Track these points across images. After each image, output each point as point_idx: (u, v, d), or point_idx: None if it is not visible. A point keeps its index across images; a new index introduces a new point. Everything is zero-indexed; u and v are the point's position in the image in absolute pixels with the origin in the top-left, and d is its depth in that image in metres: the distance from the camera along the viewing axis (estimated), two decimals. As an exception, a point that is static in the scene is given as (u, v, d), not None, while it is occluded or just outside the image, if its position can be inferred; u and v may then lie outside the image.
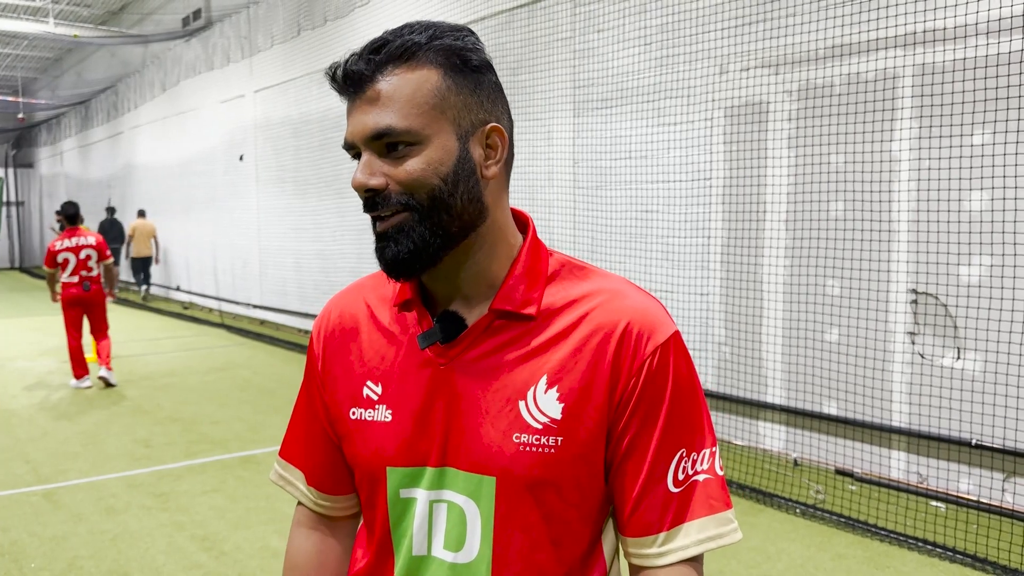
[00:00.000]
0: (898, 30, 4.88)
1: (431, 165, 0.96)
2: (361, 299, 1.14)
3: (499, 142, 1.02)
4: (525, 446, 0.99)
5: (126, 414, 7.14)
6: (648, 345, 1.00)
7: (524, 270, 1.05)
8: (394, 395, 1.06)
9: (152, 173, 17.46)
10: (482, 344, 1.03)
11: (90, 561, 4.09)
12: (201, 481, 5.29)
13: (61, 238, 7.84)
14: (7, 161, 28.69)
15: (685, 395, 1.02)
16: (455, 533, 1.02)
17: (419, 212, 0.97)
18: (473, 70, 1.00)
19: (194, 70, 14.72)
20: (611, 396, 0.99)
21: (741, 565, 4.02)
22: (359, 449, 1.08)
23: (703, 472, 1.02)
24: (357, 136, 0.98)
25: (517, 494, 1.00)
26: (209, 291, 14.81)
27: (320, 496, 1.18)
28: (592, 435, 1.00)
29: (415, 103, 0.96)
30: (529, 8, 7.38)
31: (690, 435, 1.02)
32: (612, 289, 1.04)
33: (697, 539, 1.00)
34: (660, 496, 1.00)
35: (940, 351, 4.88)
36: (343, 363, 1.12)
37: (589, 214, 6.92)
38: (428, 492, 1.03)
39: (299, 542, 1.20)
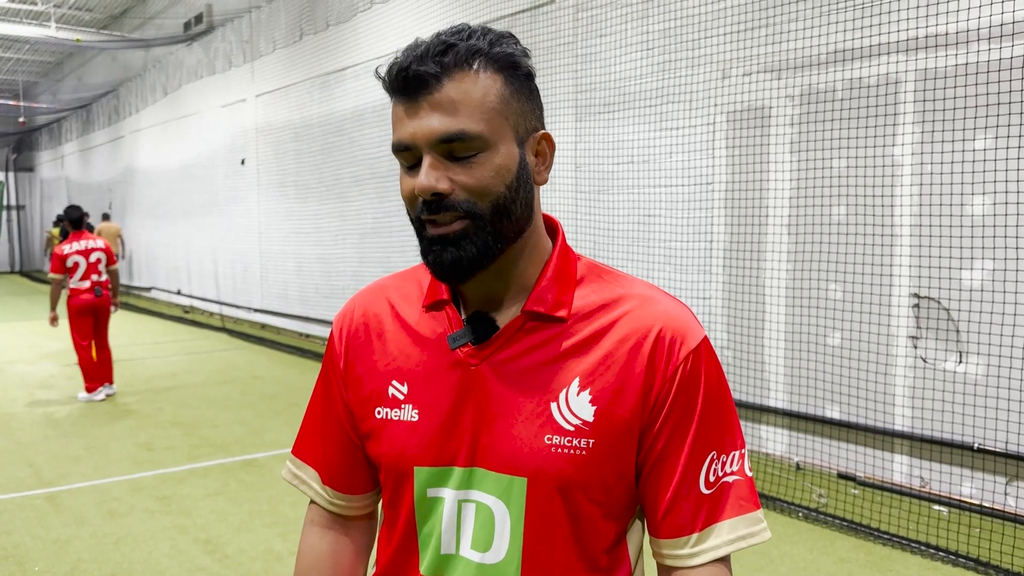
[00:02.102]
0: (899, 35, 4.90)
1: (499, 172, 0.97)
2: (384, 299, 1.15)
3: (547, 149, 1.04)
4: (557, 447, 1.00)
5: (128, 418, 7.14)
6: (681, 351, 1.01)
7: (555, 273, 1.05)
8: (421, 395, 1.06)
9: (153, 177, 17.48)
10: (514, 346, 1.03)
11: (93, 564, 4.09)
12: (204, 484, 5.29)
13: (68, 242, 7.64)
14: (8, 165, 28.72)
15: (716, 399, 1.03)
16: (483, 533, 1.03)
17: (482, 219, 0.97)
18: (526, 77, 1.02)
19: (196, 74, 14.74)
20: (645, 400, 1.01)
21: (744, 568, 4.03)
22: (385, 448, 1.09)
23: (733, 474, 1.04)
24: (422, 139, 0.96)
25: (548, 495, 1.01)
26: (210, 295, 14.81)
27: (335, 495, 1.19)
28: (623, 438, 1.01)
29: (484, 108, 0.96)
30: (531, 13, 7.41)
31: (720, 438, 1.04)
32: (643, 295, 1.06)
33: (728, 539, 1.02)
34: (692, 498, 1.02)
35: (942, 355, 4.88)
36: (366, 362, 1.12)
37: (591, 218, 6.94)
38: (456, 492, 1.04)
39: (312, 541, 1.20)
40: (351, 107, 10.10)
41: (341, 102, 10.35)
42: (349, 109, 10.17)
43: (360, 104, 9.92)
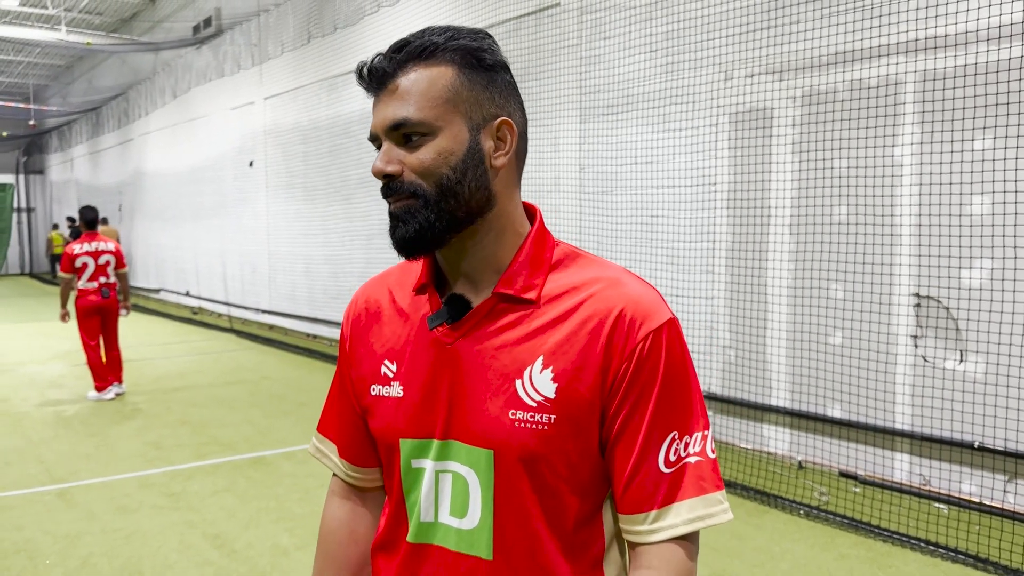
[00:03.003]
0: (900, 37, 4.94)
1: (441, 154, 1.04)
2: (385, 286, 1.23)
3: (508, 135, 1.09)
4: (520, 422, 1.05)
5: (137, 417, 7.22)
6: (641, 330, 1.05)
7: (527, 257, 1.11)
8: (406, 372, 1.14)
9: (162, 179, 17.60)
10: (485, 326, 1.10)
11: (103, 559, 4.16)
12: (212, 481, 5.36)
13: (79, 242, 7.73)
14: (18, 168, 28.94)
15: (677, 380, 1.07)
16: (459, 501, 1.09)
17: (426, 198, 1.05)
18: (487, 68, 1.08)
19: (204, 77, 14.85)
20: (604, 378, 1.05)
21: (745, 565, 4.07)
22: (378, 422, 1.17)
23: (695, 455, 1.07)
24: (378, 127, 1.06)
25: (512, 467, 1.06)
26: (218, 296, 14.91)
27: (351, 468, 1.27)
28: (584, 414, 1.06)
29: (429, 97, 1.04)
30: (536, 16, 7.47)
31: (682, 418, 1.07)
32: (610, 277, 1.10)
33: (687, 518, 1.05)
34: (651, 476, 1.05)
35: (943, 354, 4.92)
36: (366, 344, 1.20)
37: (595, 219, 6.99)
38: (435, 463, 1.11)
39: (333, 510, 1.30)
40: (358, 109, 10.18)
41: (348, 104, 10.42)
42: (356, 111, 10.24)
43: (367, 107, 9.94)
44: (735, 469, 5.46)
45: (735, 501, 4.98)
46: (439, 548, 1.11)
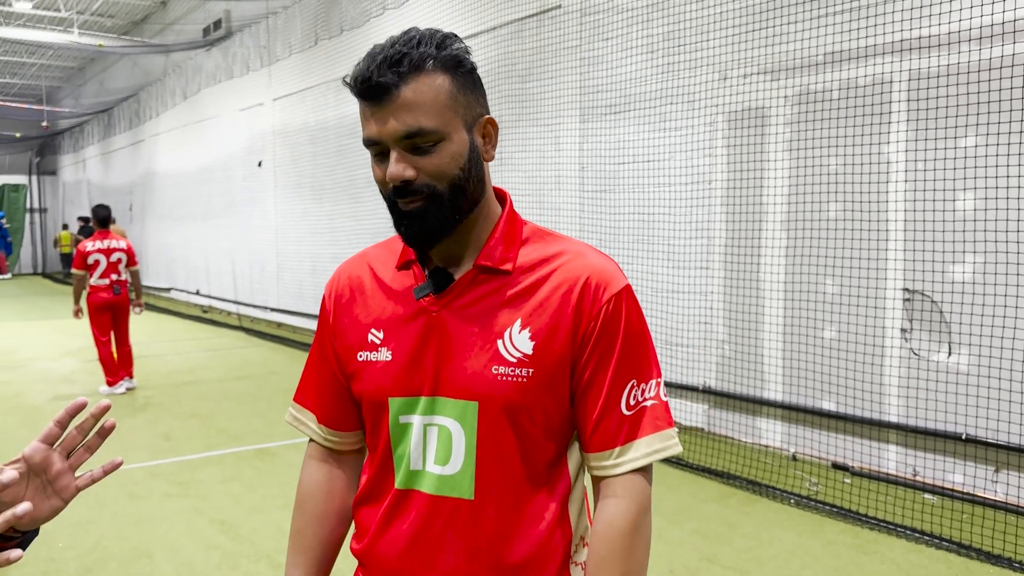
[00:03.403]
0: (889, 37, 5.05)
1: (454, 157, 1.17)
2: (365, 264, 1.36)
3: (492, 130, 1.24)
4: (502, 376, 1.20)
5: (147, 410, 7.39)
6: (604, 295, 1.22)
7: (502, 234, 1.27)
8: (393, 339, 1.27)
9: (172, 180, 17.82)
10: (467, 294, 1.24)
11: (115, 541, 4.32)
12: (220, 471, 5.52)
13: (92, 239, 7.92)
14: (31, 169, 29.25)
15: (635, 336, 1.24)
16: (444, 451, 1.23)
17: (441, 198, 1.17)
18: (469, 72, 1.21)
19: (214, 79, 15.05)
20: (574, 336, 1.21)
21: (734, 550, 4.19)
22: (365, 385, 1.30)
23: (651, 399, 1.25)
24: (388, 136, 1.15)
25: (495, 416, 1.21)
26: (228, 295, 15.10)
27: (329, 432, 1.40)
28: (558, 368, 1.21)
29: (437, 106, 1.15)
30: (538, 18, 7.60)
31: (639, 369, 1.24)
32: (575, 251, 1.27)
33: (646, 452, 1.22)
34: (615, 418, 1.22)
35: (932, 347, 5.03)
36: (350, 316, 1.33)
37: (596, 217, 7.12)
38: (422, 417, 1.25)
39: (311, 472, 1.42)
40: (365, 110, 10.32)
41: (355, 105, 10.26)
42: (363, 112, 10.39)
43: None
44: (729, 461, 5.57)
45: (727, 490, 5.11)
46: (423, 493, 1.25)
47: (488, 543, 1.23)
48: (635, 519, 1.21)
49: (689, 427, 6.45)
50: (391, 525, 1.27)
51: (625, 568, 1.20)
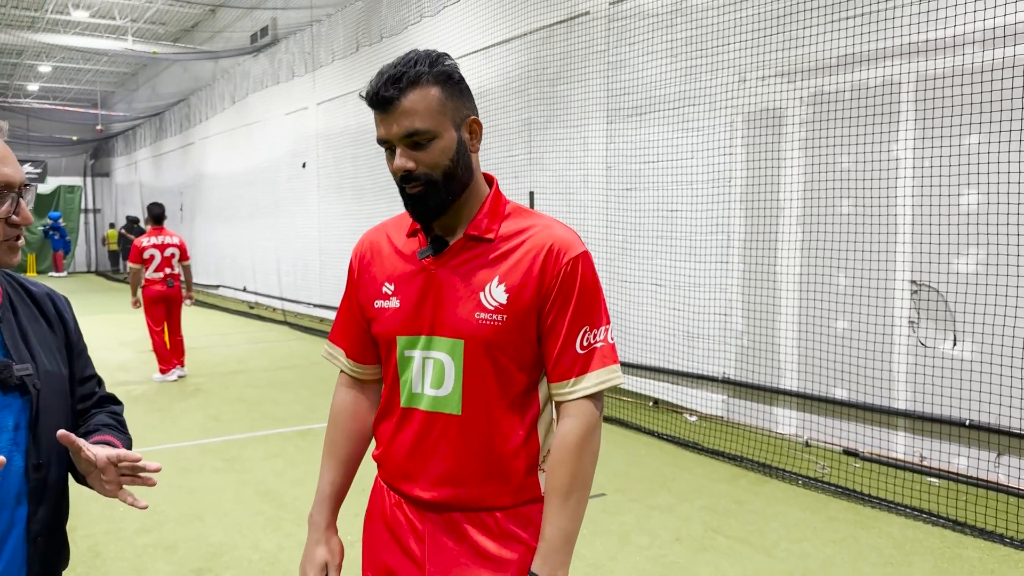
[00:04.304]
0: (896, 41, 5.29)
1: (444, 152, 1.52)
2: (384, 232, 1.72)
3: (477, 128, 1.60)
4: (483, 320, 1.55)
5: (198, 395, 7.88)
6: (564, 258, 1.56)
7: (488, 210, 1.62)
8: (401, 290, 1.62)
9: (221, 181, 18.48)
10: (459, 257, 1.59)
11: (169, 507, 4.75)
12: (264, 449, 5.95)
13: (147, 235, 8.47)
14: (86, 171, 30.30)
15: (588, 292, 1.58)
16: (438, 377, 1.58)
17: (436, 184, 1.52)
18: (456, 82, 1.57)
19: (261, 84, 15.64)
20: (539, 290, 1.55)
21: (739, 523, 4.48)
22: (380, 327, 1.66)
23: (600, 341, 1.58)
24: (393, 137, 1.51)
25: (478, 351, 1.56)
26: (273, 291, 15.66)
27: (355, 365, 1.77)
28: (526, 314, 1.56)
29: (429, 111, 1.50)
30: (568, 24, 7.93)
31: (591, 318, 1.58)
32: (544, 224, 1.62)
33: (595, 382, 1.56)
34: (571, 355, 1.56)
35: (938, 338, 5.25)
36: (370, 273, 1.69)
37: (621, 215, 7.42)
38: (422, 352, 1.60)
39: (341, 396, 1.80)
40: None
41: None
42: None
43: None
44: (745, 447, 5.82)
45: (739, 472, 5.38)
46: (422, 411, 1.61)
47: (472, 450, 1.58)
48: (584, 433, 1.55)
49: (708, 415, 6.72)
50: (398, 435, 1.64)
51: (574, 470, 1.55)
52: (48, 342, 1.58)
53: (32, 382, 1.47)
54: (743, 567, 3.92)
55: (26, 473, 1.46)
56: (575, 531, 1.56)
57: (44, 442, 1.48)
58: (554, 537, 1.54)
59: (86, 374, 1.69)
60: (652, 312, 7.20)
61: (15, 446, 1.45)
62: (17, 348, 1.48)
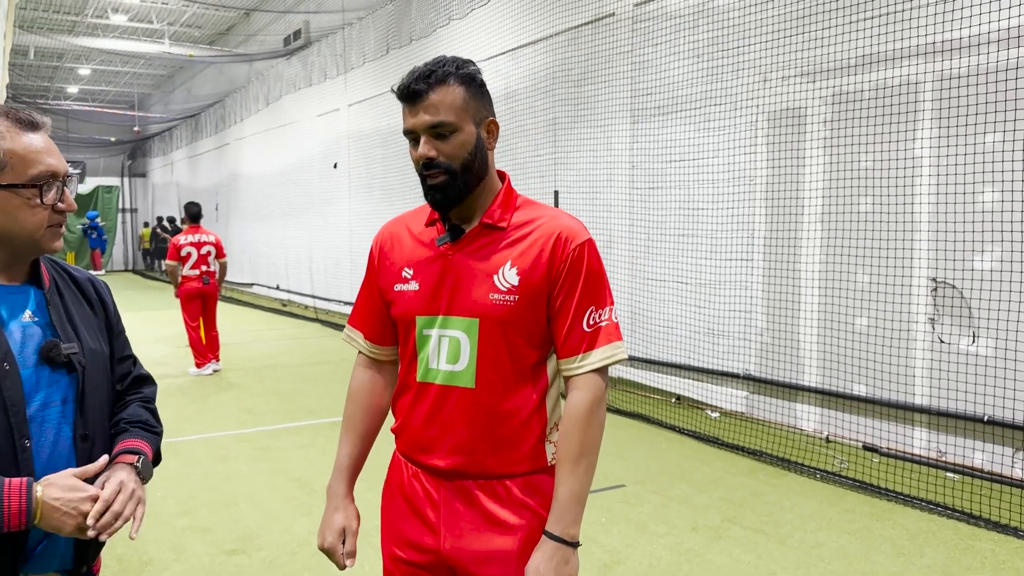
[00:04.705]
0: (916, 41, 5.35)
1: (463, 145, 1.68)
2: (403, 223, 1.89)
3: (494, 128, 1.76)
4: (497, 300, 1.70)
5: (233, 389, 8.12)
6: (570, 245, 1.71)
7: (501, 202, 1.78)
8: (420, 274, 1.78)
9: (255, 181, 18.83)
10: (474, 243, 1.74)
11: (206, 493, 4.96)
12: (297, 439, 6.15)
13: (184, 234, 8.76)
14: (123, 171, 30.94)
15: (593, 275, 1.72)
16: (453, 353, 1.74)
17: (455, 173, 1.68)
18: (479, 85, 1.73)
19: (294, 86, 15.93)
20: (549, 274, 1.70)
21: (755, 514, 4.58)
22: (399, 308, 1.81)
23: (605, 320, 1.73)
24: (420, 127, 1.67)
25: (491, 329, 1.71)
26: (305, 289, 15.95)
27: (373, 346, 1.93)
28: (536, 295, 1.70)
29: (453, 107, 1.66)
30: (593, 25, 8.06)
31: (596, 298, 1.72)
32: (552, 214, 1.78)
33: (600, 357, 1.71)
34: (578, 334, 1.71)
35: (957, 335, 5.31)
36: (390, 258, 1.85)
37: (645, 213, 7.54)
38: (439, 330, 1.75)
39: (359, 375, 1.96)
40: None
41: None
42: (431, 116, 10.99)
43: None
44: (766, 442, 5.91)
45: (758, 466, 5.48)
46: (438, 385, 1.76)
47: (484, 421, 1.73)
48: (591, 404, 1.70)
49: (730, 411, 6.81)
50: (416, 408, 1.79)
51: (583, 438, 1.70)
52: (91, 323, 1.72)
53: (78, 360, 1.61)
54: (757, 555, 4.03)
55: (74, 443, 1.60)
56: (585, 494, 1.71)
57: (90, 415, 1.63)
58: (566, 498, 1.69)
59: (125, 353, 1.83)
60: (675, 309, 7.30)
61: (63, 418, 1.59)
62: (64, 328, 1.63)
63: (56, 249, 1.63)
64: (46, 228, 1.59)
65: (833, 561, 3.96)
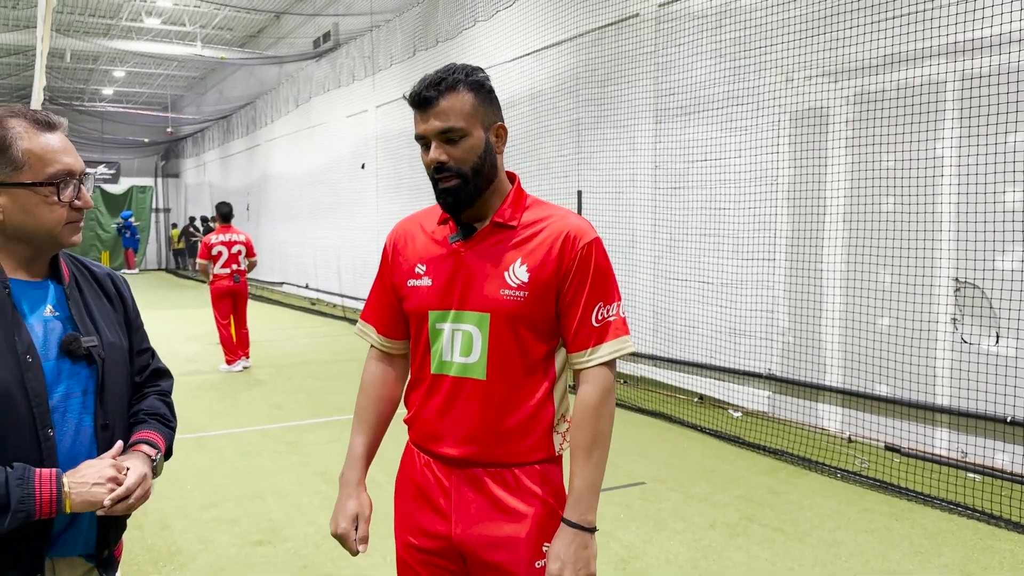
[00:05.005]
0: (939, 40, 5.34)
1: (473, 149, 1.76)
2: (416, 221, 1.96)
3: (502, 133, 1.83)
4: (507, 296, 1.77)
5: (262, 385, 8.27)
6: (579, 243, 1.79)
7: (511, 202, 1.85)
8: (433, 270, 1.85)
9: (285, 182, 19.07)
10: (485, 241, 1.81)
11: (233, 487, 5.08)
12: (324, 434, 6.27)
13: (216, 233, 8.94)
14: (157, 171, 31.41)
15: (601, 272, 1.80)
16: (466, 346, 1.81)
17: (466, 177, 1.76)
18: (488, 92, 1.81)
19: (323, 87, 16.13)
20: (558, 271, 1.78)
21: (774, 512, 4.61)
22: (412, 303, 1.88)
23: (613, 315, 1.80)
24: (430, 132, 1.75)
25: (502, 323, 1.78)
26: (333, 288, 16.13)
27: (385, 340, 2.00)
28: (545, 291, 1.78)
29: (463, 113, 1.74)
30: (617, 26, 8.10)
31: (604, 295, 1.80)
32: (561, 214, 1.85)
33: (609, 351, 1.79)
34: (587, 328, 1.78)
35: (980, 334, 5.28)
36: (403, 255, 1.92)
37: (668, 213, 7.56)
38: (452, 324, 1.82)
39: (370, 367, 2.03)
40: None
41: None
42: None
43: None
44: (788, 442, 5.92)
45: (779, 465, 5.50)
46: (450, 377, 1.83)
47: (495, 411, 1.80)
48: (601, 396, 1.78)
49: (753, 411, 6.82)
50: (429, 399, 1.87)
51: (595, 429, 1.77)
52: (110, 317, 1.79)
53: (97, 352, 1.68)
54: (774, 552, 4.07)
55: (95, 433, 1.68)
56: (599, 481, 1.79)
57: (109, 406, 1.71)
58: (581, 487, 1.76)
59: (143, 347, 1.91)
60: (698, 309, 7.32)
61: (84, 409, 1.67)
62: (83, 322, 1.69)
63: (74, 244, 1.69)
64: (64, 224, 1.65)
65: (850, 559, 3.98)
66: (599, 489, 1.79)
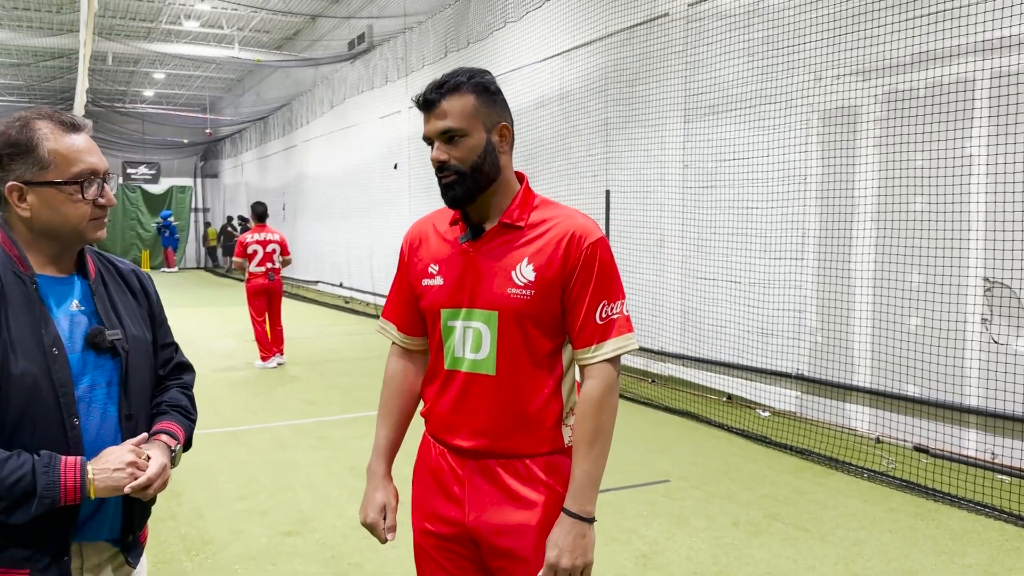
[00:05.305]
0: (971, 38, 5.29)
1: (473, 149, 1.82)
2: (430, 223, 2.03)
3: (507, 133, 1.89)
4: (514, 295, 1.83)
5: (295, 381, 8.43)
6: (584, 242, 1.84)
7: (518, 202, 1.91)
8: (445, 270, 1.92)
9: (320, 182, 19.32)
10: (494, 241, 1.88)
11: (266, 479, 5.21)
12: (354, 429, 6.38)
13: (252, 232, 9.14)
14: (196, 172, 31.95)
15: (606, 271, 1.85)
16: (476, 343, 1.88)
17: (466, 174, 1.83)
18: (492, 93, 1.87)
19: (357, 89, 16.32)
20: (564, 270, 1.83)
21: (798, 512, 4.62)
22: (426, 302, 1.96)
23: (617, 313, 1.85)
24: (432, 133, 1.83)
25: (510, 321, 1.84)
26: (366, 287, 16.32)
27: (405, 337, 2.08)
28: (551, 290, 1.83)
29: (463, 114, 1.81)
30: (647, 26, 8.12)
31: (609, 293, 1.85)
32: (567, 214, 1.90)
33: (613, 348, 1.83)
34: (591, 326, 1.83)
35: (1011, 335, 5.23)
36: (419, 256, 2.00)
37: (697, 212, 7.57)
38: (463, 322, 1.89)
39: (392, 364, 2.12)
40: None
41: None
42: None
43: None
44: (816, 442, 5.91)
45: (805, 465, 5.50)
46: (463, 372, 1.90)
47: (505, 405, 1.86)
48: (604, 391, 1.83)
49: (782, 411, 6.81)
50: (443, 394, 1.94)
51: (597, 423, 1.83)
52: (134, 311, 1.86)
53: (121, 345, 1.75)
54: (796, 550, 4.08)
55: (119, 422, 1.75)
56: (599, 474, 1.84)
57: (133, 397, 1.78)
58: (582, 479, 1.82)
59: (167, 341, 1.97)
60: (727, 308, 7.32)
61: (109, 399, 1.74)
62: (108, 316, 1.76)
63: (99, 239, 1.77)
64: (88, 221, 1.72)
65: (872, 558, 3.99)
66: (599, 481, 1.84)
